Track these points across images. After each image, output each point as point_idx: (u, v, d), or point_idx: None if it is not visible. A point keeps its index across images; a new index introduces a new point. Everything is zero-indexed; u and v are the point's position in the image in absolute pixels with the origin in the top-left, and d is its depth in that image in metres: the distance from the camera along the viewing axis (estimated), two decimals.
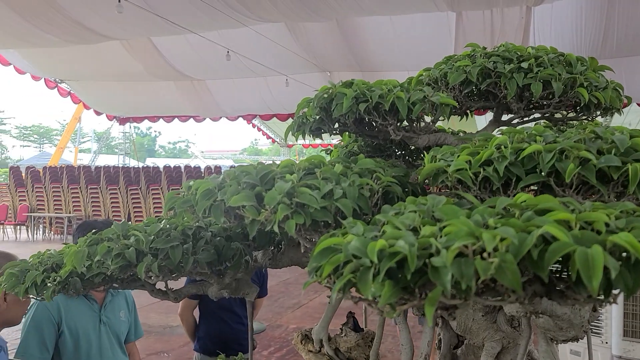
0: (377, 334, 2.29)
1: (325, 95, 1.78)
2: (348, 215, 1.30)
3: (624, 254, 0.87)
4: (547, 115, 1.94)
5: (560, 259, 0.88)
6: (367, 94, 1.68)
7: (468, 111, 2.10)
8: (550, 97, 1.81)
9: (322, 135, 2.01)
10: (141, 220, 3.31)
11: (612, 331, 6.18)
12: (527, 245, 0.86)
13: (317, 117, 1.85)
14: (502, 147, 1.35)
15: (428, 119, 1.87)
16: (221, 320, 4.25)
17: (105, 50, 13.35)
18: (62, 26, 10.42)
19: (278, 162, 1.56)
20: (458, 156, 1.42)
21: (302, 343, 2.42)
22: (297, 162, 1.55)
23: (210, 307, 4.23)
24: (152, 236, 1.69)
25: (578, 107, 1.87)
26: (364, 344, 2.38)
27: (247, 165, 1.51)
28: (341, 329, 2.45)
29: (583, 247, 0.84)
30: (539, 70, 1.77)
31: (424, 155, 1.87)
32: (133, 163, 33.80)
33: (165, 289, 2.27)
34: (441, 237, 0.93)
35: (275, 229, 1.27)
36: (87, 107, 19.31)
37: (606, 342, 6.23)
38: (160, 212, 17.09)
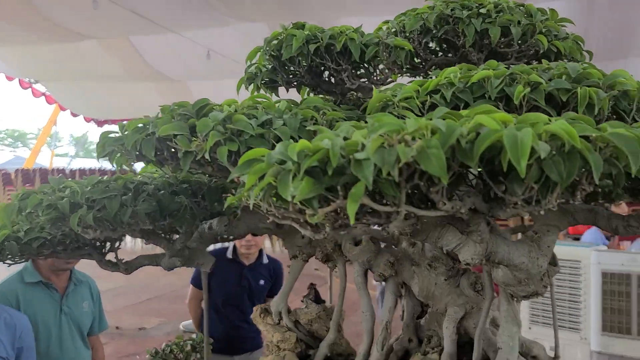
0: (337, 303, 2.20)
1: (276, 41, 1.69)
2: None
3: (561, 145, 0.80)
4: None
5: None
6: (319, 35, 1.60)
7: (429, 72, 2.03)
8: (510, 45, 1.75)
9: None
10: None
11: (590, 326, 6.13)
12: (455, 134, 0.78)
13: (270, 66, 1.76)
14: (452, 75, 1.28)
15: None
16: (225, 317, 4.06)
17: (82, 49, 13.14)
18: (36, 23, 10.24)
19: None
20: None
21: (261, 317, 2.32)
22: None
23: (215, 302, 4.02)
24: (89, 187, 1.58)
25: (538, 57, 1.81)
26: (326, 316, 2.29)
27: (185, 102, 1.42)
28: (302, 301, 2.35)
29: (512, 131, 0.76)
30: (497, 16, 1.71)
31: None
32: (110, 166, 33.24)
33: (115, 260, 2.16)
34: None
35: (207, 156, 1.18)
36: (63, 109, 19.04)
37: (585, 338, 6.18)
38: None
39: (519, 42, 1.72)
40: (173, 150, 1.38)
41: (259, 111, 1.27)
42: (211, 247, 3.41)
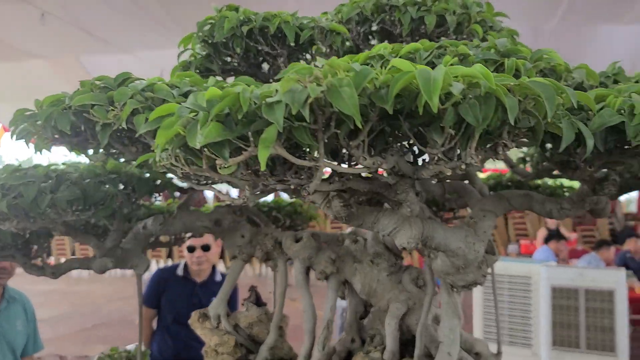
0: (278, 304, 2.12)
1: (209, 25, 1.65)
2: None
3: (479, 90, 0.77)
4: None
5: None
6: (252, 17, 1.57)
7: None
8: (446, 35, 1.75)
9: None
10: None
11: (541, 341, 6.22)
12: (370, 75, 0.74)
13: (204, 52, 1.71)
14: (382, 49, 1.26)
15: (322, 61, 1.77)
16: (176, 336, 3.85)
17: (29, 68, 12.77)
18: None
19: None
20: None
21: (199, 321, 2.22)
22: None
23: (166, 320, 3.86)
24: (4, 175, 1.48)
25: None
26: (267, 319, 2.21)
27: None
28: (243, 304, 2.27)
29: (426, 69, 0.73)
30: (433, 5, 1.71)
31: None
32: None
33: (42, 264, 2.05)
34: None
35: (124, 125, 1.11)
36: (7, 130, 18.42)
37: (536, 354, 6.26)
38: None
39: (454, 31, 1.72)
40: (93, 128, 1.31)
41: (183, 82, 1.21)
42: (161, 265, 3.30)
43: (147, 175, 1.78)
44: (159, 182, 1.83)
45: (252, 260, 2.71)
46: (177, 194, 2.17)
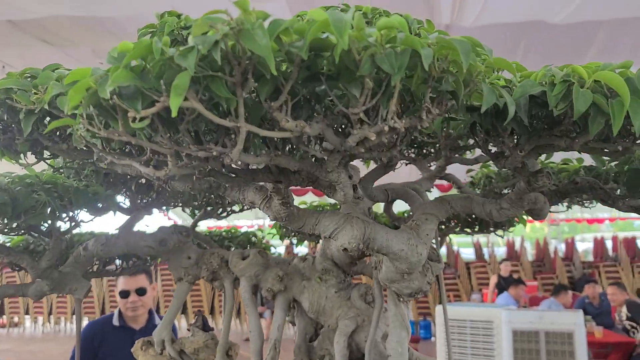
0: (224, 326, 2.04)
1: (149, 34, 1.65)
2: None
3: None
4: None
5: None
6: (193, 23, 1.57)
7: None
8: None
9: None
10: None
11: None
12: (285, 24, 0.74)
13: None
14: None
15: None
16: None
17: None
18: None
19: None
20: None
21: (142, 349, 2.11)
22: None
23: None
24: None
25: None
26: (214, 345, 2.12)
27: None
28: (188, 329, 2.17)
29: (338, 13, 0.73)
30: None
31: None
32: None
33: None
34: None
35: (46, 107, 1.08)
36: None
37: None
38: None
39: None
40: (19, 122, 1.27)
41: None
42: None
43: (85, 186, 1.72)
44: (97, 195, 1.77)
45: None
46: None
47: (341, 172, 1.06)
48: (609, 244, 15.81)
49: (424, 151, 2.51)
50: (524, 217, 2.89)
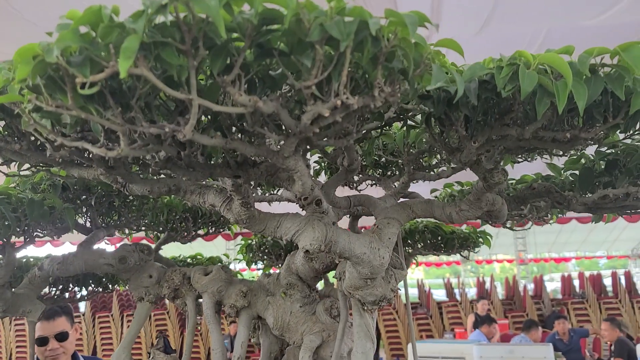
0: (186, 344, 1.98)
1: None
2: None
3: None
4: None
5: None
6: None
7: None
8: None
9: None
10: None
11: None
12: None
13: None
14: None
15: None
16: None
17: None
18: None
19: None
20: None
21: None
22: None
23: None
24: None
25: None
26: None
27: None
28: (149, 352, 2.10)
29: None
30: None
31: None
32: None
33: None
34: None
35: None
36: None
37: None
38: None
39: None
40: None
41: None
42: None
43: (40, 199, 1.68)
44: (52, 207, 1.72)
45: None
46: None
47: (298, 160, 1.06)
48: (575, 282, 16.01)
49: (389, 172, 2.55)
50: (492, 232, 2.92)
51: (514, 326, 13.19)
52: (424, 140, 1.83)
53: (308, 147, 1.13)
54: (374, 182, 2.61)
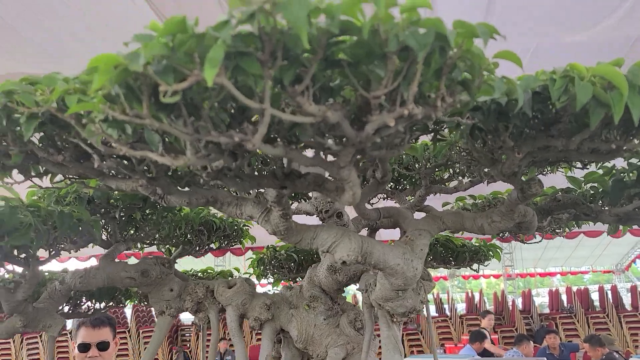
0: (210, 358, 1.97)
1: None
2: None
3: None
4: None
5: None
6: None
7: None
8: None
9: None
10: None
11: None
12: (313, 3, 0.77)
13: None
14: None
15: None
16: None
17: None
18: None
19: None
20: None
21: None
22: None
23: None
24: None
25: None
26: None
27: None
28: None
29: None
30: None
31: None
32: None
33: None
34: None
35: (54, 106, 1.06)
36: None
37: None
38: None
39: None
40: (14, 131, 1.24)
41: None
42: None
43: (69, 211, 1.67)
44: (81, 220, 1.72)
45: None
46: None
47: (352, 170, 1.08)
48: (563, 297, 16.10)
49: (400, 186, 2.57)
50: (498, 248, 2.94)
51: (503, 341, 13.21)
52: (443, 153, 1.85)
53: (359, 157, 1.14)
54: (386, 196, 2.63)
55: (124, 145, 0.94)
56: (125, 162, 1.26)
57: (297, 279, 2.95)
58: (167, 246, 2.55)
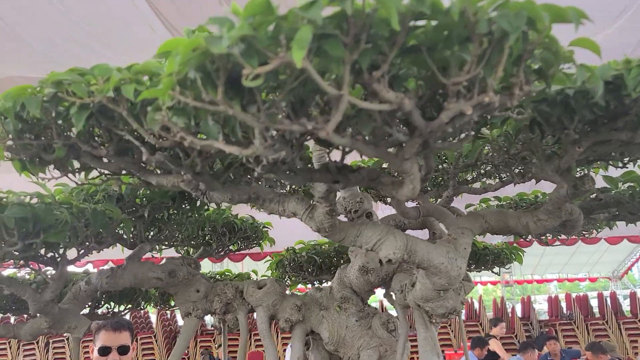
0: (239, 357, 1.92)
1: None
2: None
3: None
4: None
5: None
6: None
7: None
8: None
9: None
10: None
11: None
12: None
13: None
14: None
15: None
16: None
17: None
18: None
19: None
20: None
21: None
22: None
23: None
24: None
25: None
26: None
27: None
28: None
29: None
30: None
31: None
32: None
33: None
34: None
35: (110, 96, 1.03)
36: None
37: None
38: None
39: None
40: (59, 126, 1.20)
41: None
42: None
43: (101, 209, 1.63)
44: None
45: None
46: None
47: (414, 163, 1.04)
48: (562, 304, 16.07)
49: (423, 187, 2.53)
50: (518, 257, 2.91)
51: (503, 347, 13.16)
52: (478, 150, 1.82)
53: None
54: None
55: (189, 134, 0.91)
56: (172, 155, 1.23)
57: (315, 283, 2.91)
58: (186, 248, 2.51)
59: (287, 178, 1.16)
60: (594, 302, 15.31)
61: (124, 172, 1.48)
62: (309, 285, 2.88)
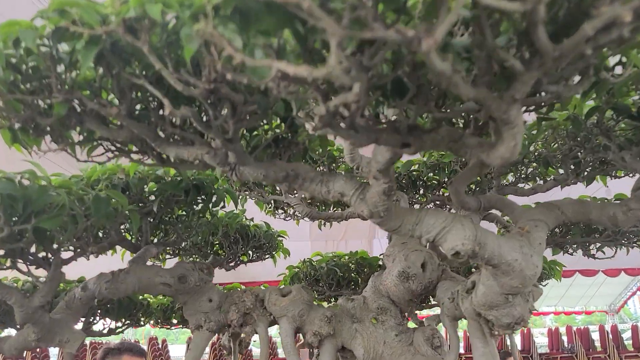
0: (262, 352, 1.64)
1: None
2: None
3: None
4: None
5: None
6: None
7: None
8: None
9: None
10: None
11: None
12: None
13: None
14: None
15: None
16: None
17: None
18: None
19: None
20: None
21: None
22: None
23: None
24: None
25: None
26: None
27: None
28: None
29: None
30: None
31: None
32: None
33: None
34: None
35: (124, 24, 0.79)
36: None
37: None
38: None
39: None
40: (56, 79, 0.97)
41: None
42: None
43: (105, 196, 1.37)
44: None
45: None
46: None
47: (520, 111, 0.81)
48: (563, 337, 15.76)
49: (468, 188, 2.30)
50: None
51: None
52: (542, 137, 1.60)
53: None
54: (438, 202, 2.36)
55: (231, 68, 0.67)
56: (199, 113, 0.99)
57: (332, 300, 2.65)
58: (194, 256, 2.25)
59: (346, 135, 0.92)
60: (595, 335, 15.03)
61: (134, 149, 1.24)
62: (325, 304, 2.62)
